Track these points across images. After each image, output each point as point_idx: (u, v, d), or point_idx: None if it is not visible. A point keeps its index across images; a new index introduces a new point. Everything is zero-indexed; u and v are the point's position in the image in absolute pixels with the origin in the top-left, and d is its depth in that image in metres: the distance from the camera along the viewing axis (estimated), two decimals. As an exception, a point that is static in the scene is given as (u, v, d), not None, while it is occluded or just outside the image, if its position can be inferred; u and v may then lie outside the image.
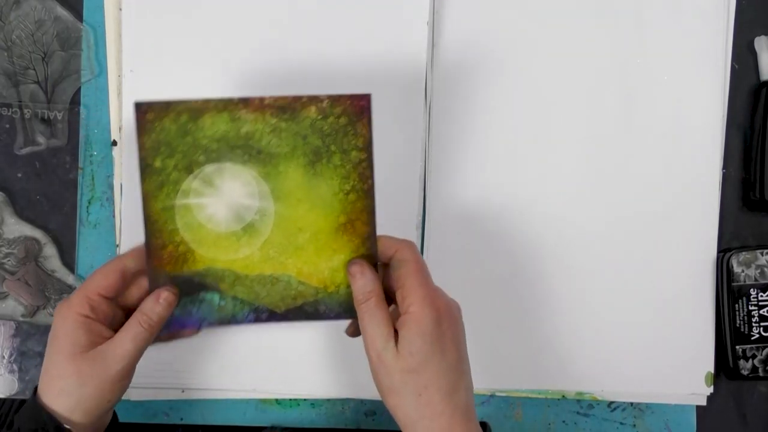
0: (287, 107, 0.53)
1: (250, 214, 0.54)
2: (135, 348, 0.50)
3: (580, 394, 0.61)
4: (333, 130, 0.53)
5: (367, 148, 0.53)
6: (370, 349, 0.49)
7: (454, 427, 0.47)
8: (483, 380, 0.61)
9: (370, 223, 0.54)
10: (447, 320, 0.48)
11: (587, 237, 0.61)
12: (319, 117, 0.53)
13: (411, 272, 0.49)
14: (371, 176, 0.54)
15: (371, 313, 0.49)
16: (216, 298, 0.54)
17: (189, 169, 0.53)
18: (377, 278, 0.51)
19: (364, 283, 0.50)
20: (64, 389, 0.49)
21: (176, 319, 0.53)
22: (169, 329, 0.53)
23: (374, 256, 0.53)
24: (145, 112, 0.52)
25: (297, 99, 0.53)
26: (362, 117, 0.53)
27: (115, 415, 0.54)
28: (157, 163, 0.53)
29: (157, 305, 0.51)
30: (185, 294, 0.53)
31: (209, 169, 0.54)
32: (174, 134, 0.53)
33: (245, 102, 0.53)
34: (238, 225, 0.54)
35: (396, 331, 0.48)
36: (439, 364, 0.47)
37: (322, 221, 0.54)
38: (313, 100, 0.53)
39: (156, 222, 0.53)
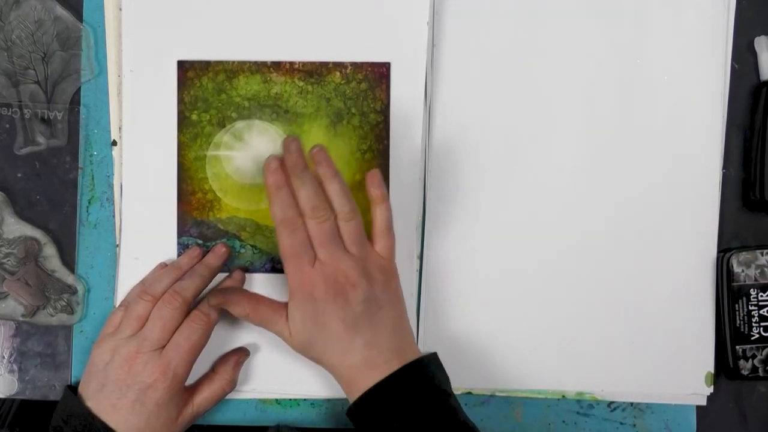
0: (314, 72, 0.58)
1: None
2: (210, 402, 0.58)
3: (580, 394, 0.61)
4: (354, 94, 0.59)
5: (385, 111, 0.58)
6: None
7: (357, 377, 0.53)
8: (483, 380, 0.61)
9: (384, 182, 0.57)
10: (323, 300, 0.53)
11: (587, 237, 0.61)
12: (343, 81, 0.59)
13: (284, 263, 0.54)
14: (387, 138, 0.59)
15: (255, 312, 0.56)
16: (237, 244, 0.59)
17: (221, 124, 0.59)
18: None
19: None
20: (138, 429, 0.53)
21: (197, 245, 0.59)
22: None
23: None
24: (186, 69, 0.58)
25: (324, 64, 0.59)
26: (381, 83, 0.58)
27: None
28: (194, 117, 0.59)
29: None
30: (208, 239, 0.59)
31: (240, 125, 0.59)
32: (210, 91, 0.59)
33: (276, 65, 0.59)
34: (262, 178, 0.58)
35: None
36: (325, 337, 0.53)
37: None
38: (338, 66, 0.59)
39: (188, 170, 0.59)
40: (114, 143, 0.61)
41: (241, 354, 0.59)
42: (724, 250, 0.61)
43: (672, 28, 0.61)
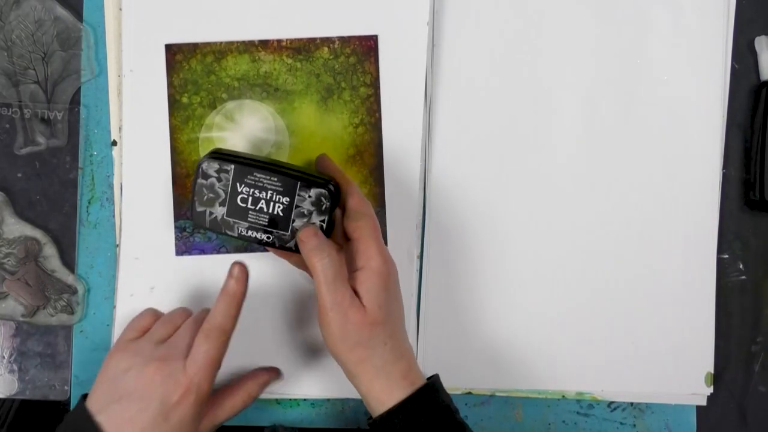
0: (302, 48, 0.59)
1: (267, 147, 0.60)
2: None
3: (580, 394, 0.61)
4: (343, 69, 0.59)
5: (375, 84, 0.59)
6: (333, 310, 0.50)
7: (411, 364, 0.52)
8: (483, 380, 0.61)
9: (377, 155, 0.59)
10: (395, 272, 0.53)
11: (587, 237, 0.61)
12: (331, 57, 0.59)
13: (370, 227, 0.52)
14: (378, 110, 0.59)
15: (334, 277, 0.50)
16: None
17: (212, 105, 0.59)
18: (330, 242, 0.52)
19: (320, 248, 0.51)
20: None
21: (197, 245, 0.59)
22: (190, 252, 0.59)
23: (381, 188, 0.59)
24: (174, 53, 0.58)
25: (311, 40, 0.59)
26: (370, 56, 0.59)
27: None
28: (184, 99, 0.59)
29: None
30: None
31: (231, 105, 0.59)
32: (199, 73, 0.59)
33: (264, 44, 0.59)
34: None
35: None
36: (398, 312, 0.53)
37: (333, 153, 0.59)
38: (326, 41, 0.59)
39: (181, 153, 0.59)
40: (114, 143, 0.61)
41: (272, 375, 0.58)
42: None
43: (672, 28, 0.61)
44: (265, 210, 0.52)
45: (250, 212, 0.52)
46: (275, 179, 0.51)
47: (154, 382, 0.49)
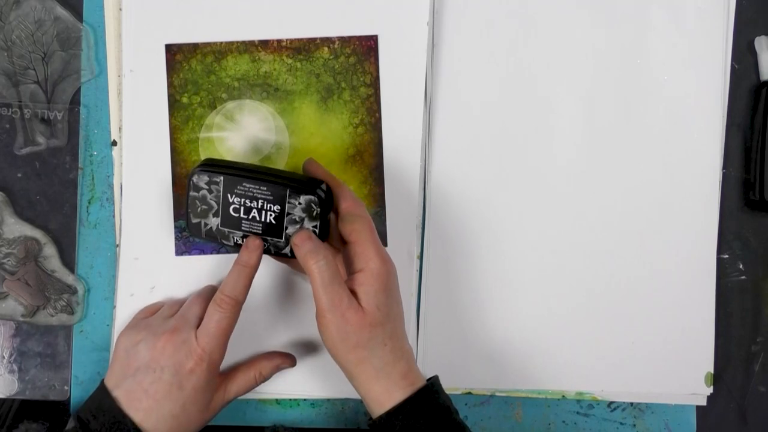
0: (302, 48, 0.58)
1: (267, 147, 0.60)
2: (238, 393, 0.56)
3: (580, 394, 0.61)
4: (343, 69, 0.59)
5: (375, 84, 0.59)
6: (331, 312, 0.50)
7: (411, 365, 0.52)
8: (483, 380, 0.61)
9: (377, 155, 0.59)
10: (394, 272, 0.52)
11: (587, 237, 0.61)
12: (331, 57, 0.59)
13: (366, 229, 0.52)
14: (378, 110, 0.59)
15: (331, 279, 0.50)
16: None
17: (212, 105, 0.59)
18: (326, 245, 0.53)
19: (315, 251, 0.51)
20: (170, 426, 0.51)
21: (196, 245, 0.59)
22: (190, 252, 0.59)
23: (381, 188, 0.59)
24: (174, 53, 0.58)
25: (311, 40, 0.59)
26: (370, 56, 0.58)
27: None
28: (184, 100, 0.59)
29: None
30: None
31: (231, 105, 0.59)
32: (199, 73, 0.59)
33: (264, 44, 0.59)
34: (255, 157, 0.59)
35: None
36: (397, 313, 0.52)
37: (333, 153, 0.59)
38: (326, 41, 0.59)
39: (181, 153, 0.59)
40: (114, 143, 0.61)
41: (285, 360, 0.58)
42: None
43: (672, 28, 0.61)
44: (258, 219, 0.52)
45: (243, 221, 0.52)
46: (264, 188, 0.51)
47: (166, 352, 0.51)
